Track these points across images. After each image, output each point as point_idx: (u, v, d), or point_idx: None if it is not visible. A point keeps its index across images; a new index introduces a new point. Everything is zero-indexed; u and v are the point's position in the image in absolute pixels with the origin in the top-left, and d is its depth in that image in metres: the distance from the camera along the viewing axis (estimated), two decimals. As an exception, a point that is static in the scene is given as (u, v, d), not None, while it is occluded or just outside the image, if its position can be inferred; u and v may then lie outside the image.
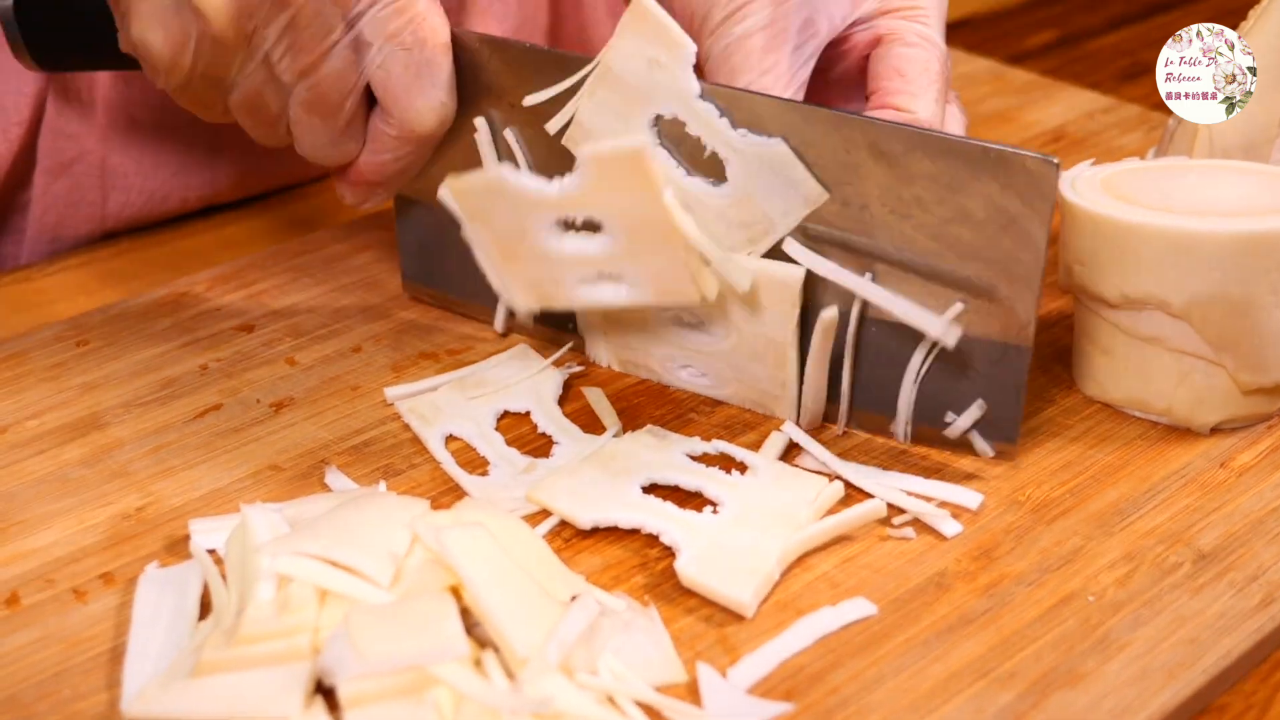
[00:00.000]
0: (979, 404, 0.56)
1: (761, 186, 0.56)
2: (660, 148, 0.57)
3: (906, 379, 0.57)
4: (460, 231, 0.54)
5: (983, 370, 0.56)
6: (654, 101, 0.57)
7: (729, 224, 0.57)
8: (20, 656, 0.49)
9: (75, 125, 0.74)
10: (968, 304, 0.55)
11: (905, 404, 0.57)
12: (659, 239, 0.52)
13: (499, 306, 0.65)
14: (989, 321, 0.55)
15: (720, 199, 0.57)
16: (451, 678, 0.44)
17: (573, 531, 0.54)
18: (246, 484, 0.57)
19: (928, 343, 0.56)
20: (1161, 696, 0.47)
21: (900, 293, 0.55)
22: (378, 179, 0.62)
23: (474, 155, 0.62)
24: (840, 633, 0.50)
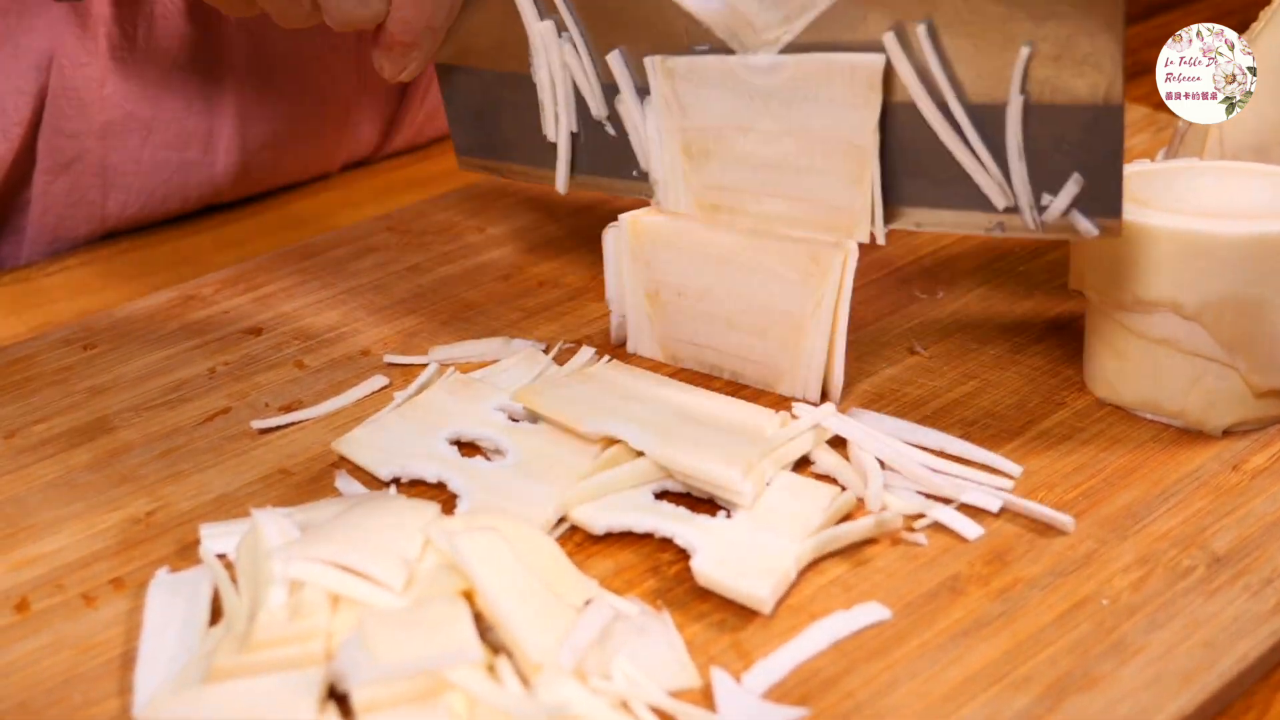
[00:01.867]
0: (1075, 178, 0.53)
1: None
2: None
3: (1011, 153, 0.53)
4: (507, 91, 0.52)
5: (1074, 140, 0.53)
6: None
7: (763, 2, 0.55)
8: (30, 662, 0.49)
9: (75, 125, 0.74)
10: (1035, 50, 0.52)
11: (1019, 181, 0.54)
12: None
13: (559, 162, 0.63)
14: (1074, 83, 0.52)
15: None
16: (466, 683, 0.44)
17: (584, 536, 0.54)
18: (256, 488, 0.57)
19: (1017, 114, 0.53)
20: (1178, 700, 0.47)
21: (971, 70, 0.53)
22: (409, 37, 0.61)
23: (510, 7, 0.60)
24: (854, 637, 0.49)
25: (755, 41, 0.56)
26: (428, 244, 0.74)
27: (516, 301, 0.69)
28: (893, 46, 0.53)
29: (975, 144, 0.54)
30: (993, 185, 0.54)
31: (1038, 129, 0.53)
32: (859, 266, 0.70)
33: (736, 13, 0.56)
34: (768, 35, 0.56)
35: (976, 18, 0.52)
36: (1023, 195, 0.54)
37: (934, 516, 0.54)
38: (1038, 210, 0.54)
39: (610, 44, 0.59)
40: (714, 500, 0.55)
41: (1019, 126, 0.53)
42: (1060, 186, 0.53)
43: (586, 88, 0.61)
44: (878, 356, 0.64)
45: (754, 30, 0.56)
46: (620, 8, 0.58)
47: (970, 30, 0.52)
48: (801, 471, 0.56)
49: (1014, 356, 0.64)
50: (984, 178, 0.54)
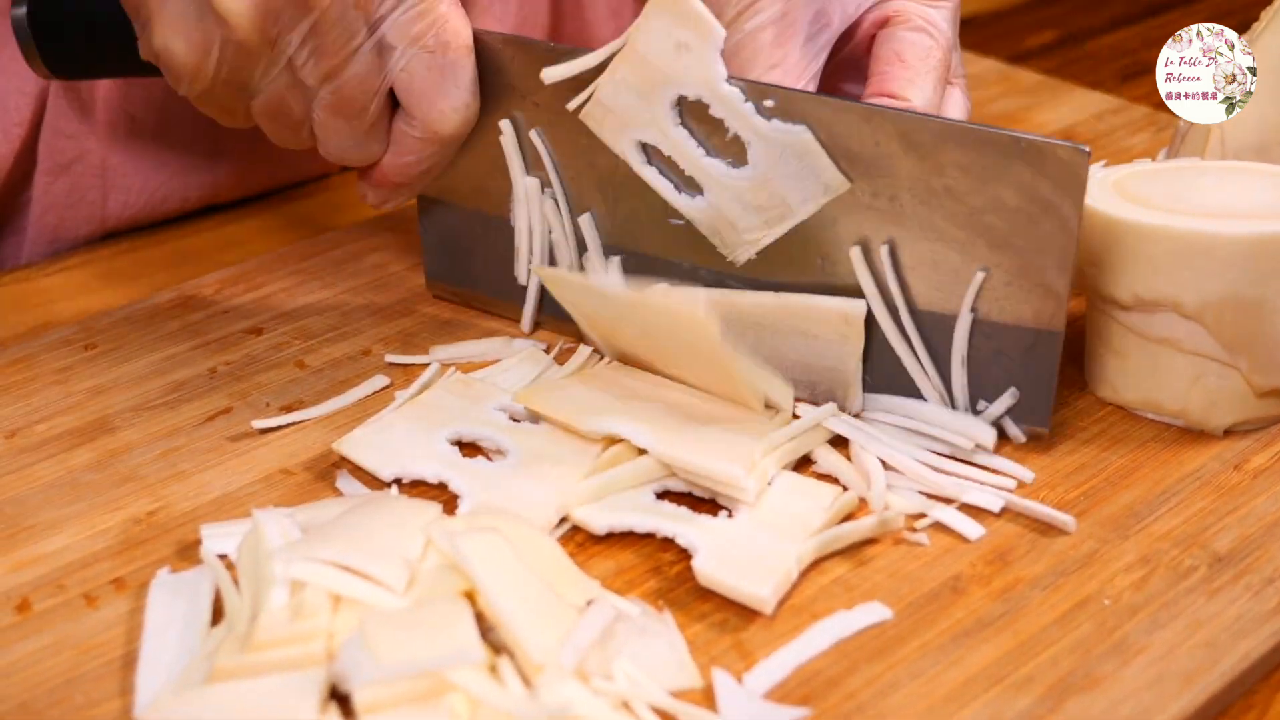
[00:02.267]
0: (1011, 391, 0.57)
1: (782, 172, 0.56)
2: (680, 128, 0.58)
3: (955, 362, 0.57)
4: (484, 229, 0.54)
5: (1014, 357, 0.56)
6: (677, 84, 0.57)
7: (745, 206, 0.58)
8: (32, 663, 0.49)
9: (76, 125, 0.74)
10: (989, 275, 0.55)
11: (958, 387, 0.57)
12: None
13: (526, 303, 0.65)
14: (1020, 308, 0.55)
15: (739, 181, 0.57)
16: (467, 684, 0.44)
17: (585, 536, 0.54)
18: (257, 488, 0.57)
19: (964, 329, 0.56)
20: (1180, 700, 0.47)
21: (928, 284, 0.56)
22: (401, 180, 0.62)
23: (498, 154, 0.62)
24: (855, 637, 0.49)
25: (735, 240, 0.59)
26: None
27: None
28: (857, 259, 0.57)
29: (919, 350, 0.57)
30: (931, 389, 0.58)
31: (981, 342, 0.56)
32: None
33: (720, 214, 0.58)
34: (748, 236, 0.58)
35: (938, 238, 0.56)
36: (960, 399, 0.58)
37: (935, 516, 0.54)
38: (973, 413, 0.58)
39: (588, 208, 0.62)
40: (715, 500, 0.54)
41: (965, 339, 0.56)
42: (996, 395, 0.57)
43: (561, 241, 0.63)
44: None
45: (736, 230, 0.59)
46: (603, 176, 0.61)
47: (932, 249, 0.56)
48: (803, 471, 0.56)
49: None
50: (924, 381, 0.58)
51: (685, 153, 0.58)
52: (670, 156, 0.59)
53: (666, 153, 0.59)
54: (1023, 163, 0.53)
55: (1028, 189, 0.53)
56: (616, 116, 0.59)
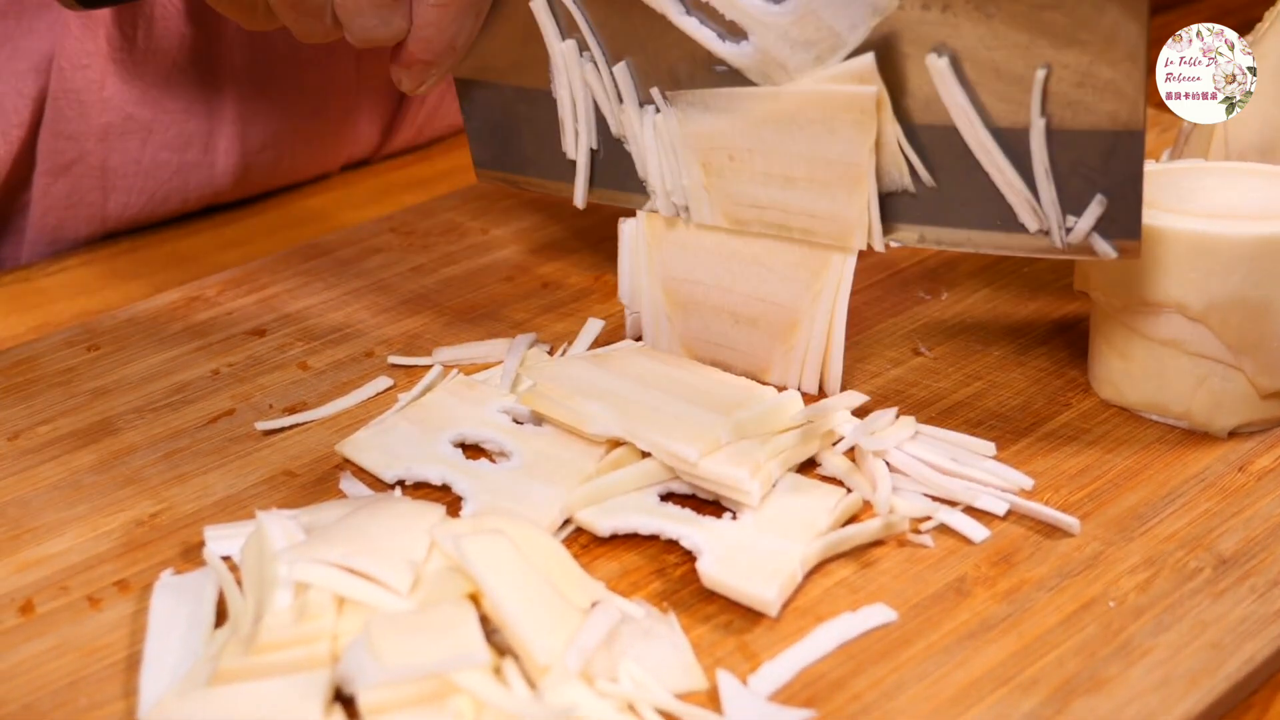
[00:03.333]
0: (1099, 200, 0.53)
1: (825, 0, 0.54)
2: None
3: (1039, 175, 0.54)
4: (527, 106, 0.53)
5: (1095, 165, 0.53)
6: None
7: (793, 44, 0.56)
8: (36, 665, 0.49)
9: (75, 126, 0.74)
10: (1056, 75, 0.52)
11: (1047, 202, 0.54)
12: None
13: (577, 177, 0.63)
14: (1094, 110, 0.53)
15: (783, 17, 0.55)
16: (472, 686, 0.44)
17: (589, 538, 0.54)
18: (261, 490, 0.57)
19: (1040, 137, 0.54)
20: (1185, 703, 0.47)
21: (995, 96, 0.54)
22: (429, 56, 0.60)
23: (530, 23, 0.60)
24: (860, 639, 0.49)
25: (786, 81, 0.57)
26: (431, 245, 0.74)
27: (521, 302, 0.69)
28: (934, 65, 0.54)
29: (1004, 166, 0.55)
30: (1025, 206, 0.55)
31: (1060, 153, 0.54)
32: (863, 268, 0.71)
33: (767, 55, 0.56)
34: (799, 75, 0.56)
35: (999, 44, 0.53)
36: (1052, 216, 0.55)
37: (940, 518, 0.54)
38: (1064, 231, 0.55)
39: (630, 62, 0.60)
40: (720, 502, 0.54)
41: (1044, 149, 0.54)
42: (1082, 209, 0.54)
43: (606, 106, 0.61)
44: (882, 358, 0.64)
45: (787, 70, 0.56)
46: (642, 31, 0.59)
47: (993, 57, 0.53)
48: (807, 473, 0.56)
49: (1019, 358, 0.64)
50: (1017, 199, 0.55)
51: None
52: (709, 3, 0.56)
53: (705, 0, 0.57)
54: None
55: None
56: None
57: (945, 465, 0.56)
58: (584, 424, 0.56)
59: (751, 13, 0.56)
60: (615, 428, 0.55)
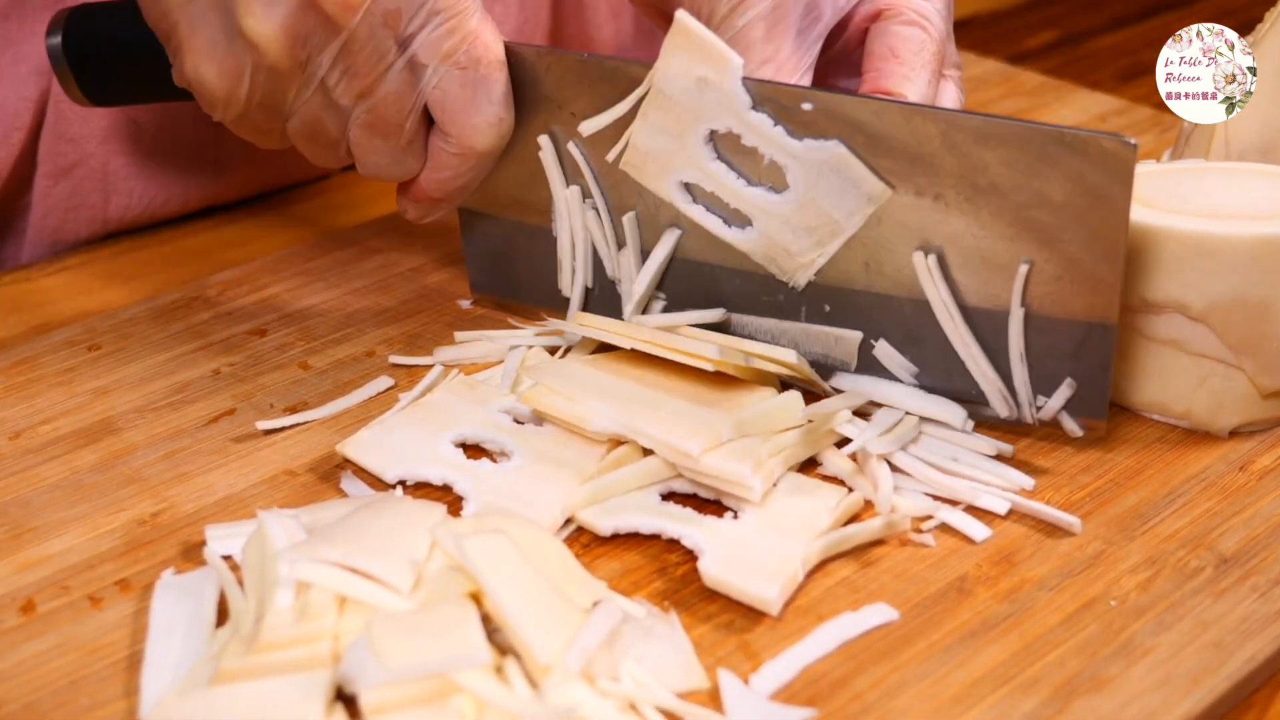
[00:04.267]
0: (1068, 383, 0.56)
1: (823, 190, 0.57)
2: (717, 163, 0.58)
3: (1014, 358, 0.57)
4: (527, 240, 0.55)
5: (1068, 350, 0.56)
6: (706, 118, 0.57)
7: (795, 230, 0.58)
8: (37, 664, 0.49)
9: (76, 129, 0.74)
10: (1038, 269, 0.55)
11: (1020, 383, 0.57)
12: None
13: (571, 313, 0.65)
14: (1071, 302, 0.55)
15: (783, 206, 0.58)
16: (474, 685, 0.44)
17: (591, 537, 0.54)
18: (262, 489, 0.57)
19: (1019, 324, 0.56)
20: (1186, 702, 0.47)
21: (978, 280, 0.56)
22: (440, 195, 0.62)
23: (537, 166, 0.62)
24: (862, 638, 0.49)
25: (791, 265, 0.59)
26: (432, 244, 0.73)
27: (521, 302, 0.69)
28: (919, 262, 0.57)
29: (979, 357, 0.57)
30: (996, 394, 0.58)
31: (1035, 337, 0.56)
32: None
33: (771, 240, 0.59)
34: (803, 259, 0.59)
35: (986, 235, 0.55)
36: (1023, 394, 0.57)
37: (941, 518, 0.54)
38: (1034, 409, 0.57)
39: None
40: (721, 502, 0.54)
41: (1020, 335, 0.56)
42: (1052, 390, 0.57)
43: (604, 251, 0.63)
44: (883, 357, 0.64)
45: (790, 255, 0.59)
46: (645, 191, 0.61)
47: (980, 247, 0.56)
48: (808, 472, 0.56)
49: (1020, 357, 0.64)
50: (990, 387, 0.58)
51: (726, 186, 0.58)
52: (713, 192, 0.59)
53: (709, 189, 0.59)
54: (1067, 158, 0.53)
55: (1074, 183, 0.53)
56: (655, 160, 0.59)
57: (946, 465, 0.56)
58: (585, 422, 0.56)
59: (754, 201, 0.58)
60: (616, 425, 0.55)
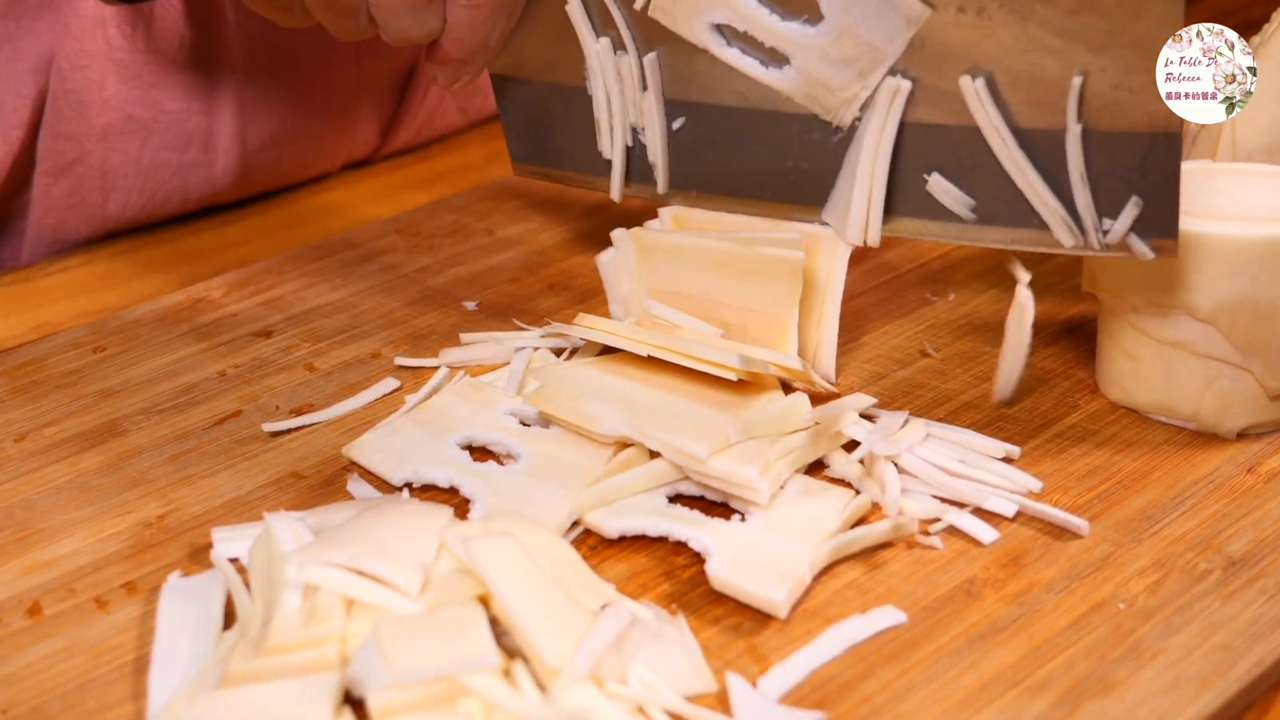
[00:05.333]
0: (1135, 202, 0.53)
1: (859, 16, 0.54)
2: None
3: (1074, 180, 0.54)
4: (563, 103, 0.54)
5: (1132, 166, 0.53)
6: None
7: (834, 63, 0.56)
8: (44, 667, 0.49)
9: (75, 126, 0.73)
10: (1093, 79, 0.52)
11: (1083, 206, 0.54)
12: None
13: (614, 174, 0.63)
14: (1132, 112, 0.53)
15: (821, 39, 0.56)
16: (482, 688, 0.44)
17: (598, 539, 0.54)
18: (268, 491, 0.57)
19: (1076, 142, 0.54)
20: (1196, 705, 0.47)
21: (1031, 100, 0.54)
22: (463, 54, 0.61)
23: (565, 21, 0.60)
24: (870, 641, 0.49)
25: (834, 102, 0.57)
26: (437, 246, 0.73)
27: (527, 304, 0.69)
28: (968, 88, 0.54)
29: (1037, 183, 0.55)
30: (1059, 222, 0.55)
31: (1096, 155, 0.54)
32: (868, 269, 0.71)
33: (811, 77, 0.57)
34: (846, 94, 0.57)
35: (1035, 49, 0.53)
36: (1088, 219, 0.55)
37: (949, 520, 0.54)
38: (1101, 234, 0.55)
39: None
40: (728, 504, 0.54)
41: (1080, 154, 0.54)
42: (1118, 211, 0.54)
43: (632, 96, 0.61)
44: (889, 359, 0.64)
45: (831, 91, 0.57)
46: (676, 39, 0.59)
47: (1030, 62, 0.53)
48: (816, 475, 0.56)
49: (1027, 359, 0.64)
50: (1051, 215, 0.55)
51: (760, 23, 0.56)
52: (746, 32, 0.57)
53: (741, 30, 0.57)
54: None
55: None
56: (684, 3, 0.57)
57: (953, 467, 0.56)
58: (592, 425, 0.56)
59: (790, 37, 0.56)
60: (624, 427, 0.55)
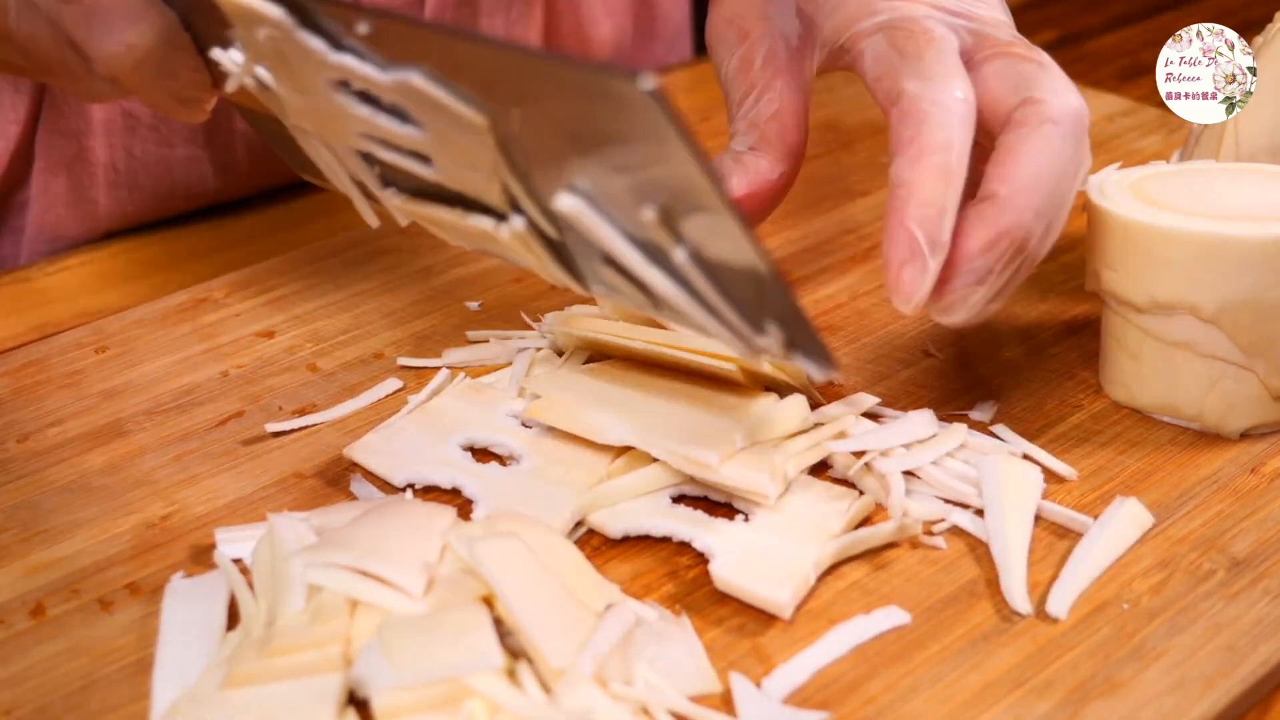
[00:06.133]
0: (773, 326, 0.48)
1: (439, 121, 0.49)
2: (363, 106, 0.51)
3: (709, 295, 0.48)
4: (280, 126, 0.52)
5: (749, 297, 0.48)
6: (323, 72, 0.51)
7: (457, 163, 0.51)
8: (48, 668, 0.49)
9: (73, 123, 0.73)
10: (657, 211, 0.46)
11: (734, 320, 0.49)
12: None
13: (357, 204, 0.60)
14: (721, 249, 0.47)
15: (421, 140, 0.51)
16: (486, 689, 0.44)
17: (601, 540, 0.54)
18: (271, 492, 0.57)
19: (685, 261, 0.47)
20: (1200, 705, 0.47)
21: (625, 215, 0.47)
22: (157, 106, 0.59)
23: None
24: (874, 642, 0.49)
25: (496, 198, 0.51)
26: (440, 246, 0.73)
27: (530, 304, 0.69)
28: (565, 204, 0.48)
29: (663, 282, 0.49)
30: (705, 318, 0.49)
31: (717, 278, 0.48)
32: (871, 270, 0.71)
33: (458, 175, 0.52)
34: (491, 192, 0.51)
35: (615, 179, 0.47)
36: (743, 332, 0.49)
37: (953, 520, 0.54)
38: (760, 349, 0.49)
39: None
40: (731, 504, 0.54)
41: (699, 274, 0.48)
42: (763, 331, 0.49)
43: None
44: (892, 359, 0.64)
45: (480, 188, 0.51)
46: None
47: (610, 182, 0.47)
48: (819, 475, 0.56)
49: (1029, 359, 0.64)
50: (695, 311, 0.49)
51: (388, 130, 0.51)
52: (384, 140, 0.52)
53: (379, 137, 0.52)
54: (598, 98, 0.44)
55: (620, 117, 0.44)
56: (324, 125, 0.54)
57: (958, 468, 0.56)
58: (596, 434, 0.56)
59: (418, 139, 0.50)
60: (629, 436, 0.55)
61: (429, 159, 0.52)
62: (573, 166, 0.47)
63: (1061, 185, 0.52)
